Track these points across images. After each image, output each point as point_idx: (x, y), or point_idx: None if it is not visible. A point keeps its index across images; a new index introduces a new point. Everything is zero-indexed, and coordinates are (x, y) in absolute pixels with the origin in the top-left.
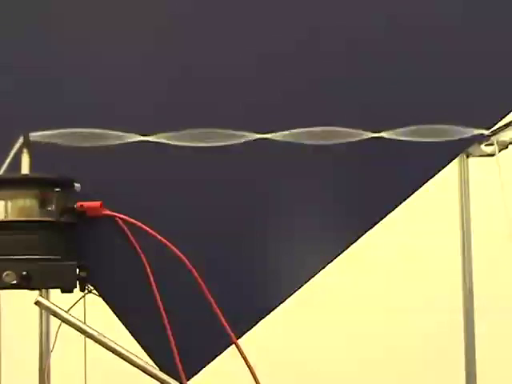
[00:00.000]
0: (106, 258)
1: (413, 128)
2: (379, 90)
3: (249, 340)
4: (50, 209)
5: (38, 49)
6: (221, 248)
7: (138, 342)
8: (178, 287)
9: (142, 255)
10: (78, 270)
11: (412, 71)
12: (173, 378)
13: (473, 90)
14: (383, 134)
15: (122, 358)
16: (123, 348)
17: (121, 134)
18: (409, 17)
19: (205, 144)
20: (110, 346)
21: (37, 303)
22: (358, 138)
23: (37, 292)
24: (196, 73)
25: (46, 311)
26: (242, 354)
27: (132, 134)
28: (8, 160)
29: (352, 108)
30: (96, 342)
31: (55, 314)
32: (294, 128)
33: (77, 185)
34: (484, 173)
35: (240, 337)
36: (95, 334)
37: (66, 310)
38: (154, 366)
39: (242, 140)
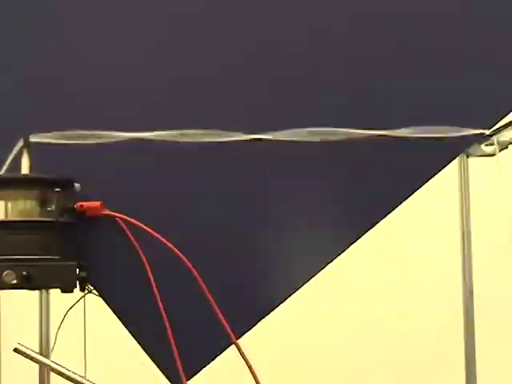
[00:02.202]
0: (106, 257)
1: (413, 128)
2: (379, 90)
3: (249, 340)
4: (49, 209)
5: (38, 49)
6: (221, 248)
7: (138, 342)
8: (178, 287)
9: (142, 255)
10: (78, 269)
11: (412, 71)
12: (173, 378)
13: (473, 90)
14: (384, 132)
15: None
16: None
17: (121, 133)
18: (408, 16)
19: (204, 144)
20: None
21: (15, 350)
22: (358, 138)
23: (37, 292)
24: (196, 72)
25: (26, 357)
26: (241, 353)
27: (132, 134)
28: (8, 161)
29: (352, 108)
30: None
31: (35, 361)
32: (294, 128)
33: (77, 185)
34: (484, 173)
35: (240, 337)
36: (78, 378)
37: (66, 310)
38: None
39: (242, 140)
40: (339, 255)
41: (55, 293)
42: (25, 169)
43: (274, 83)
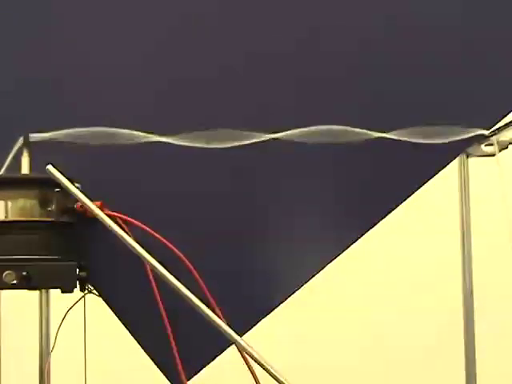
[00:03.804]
0: (106, 258)
1: (413, 128)
2: (380, 90)
3: (249, 340)
4: (49, 209)
5: (38, 49)
6: (221, 248)
7: (138, 342)
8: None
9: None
10: (78, 269)
11: (412, 71)
12: (173, 378)
13: (473, 90)
14: (384, 134)
15: None
16: None
17: (121, 133)
18: (409, 17)
19: (206, 144)
20: None
21: None
22: (358, 138)
23: (37, 292)
24: (199, 73)
25: None
26: (242, 354)
27: (133, 134)
28: (8, 160)
29: (352, 108)
30: None
31: None
32: (295, 128)
33: (77, 185)
34: (484, 173)
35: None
36: None
37: (66, 310)
38: None
39: (243, 140)
40: (339, 255)
41: (55, 293)
42: (25, 169)
43: (274, 83)
